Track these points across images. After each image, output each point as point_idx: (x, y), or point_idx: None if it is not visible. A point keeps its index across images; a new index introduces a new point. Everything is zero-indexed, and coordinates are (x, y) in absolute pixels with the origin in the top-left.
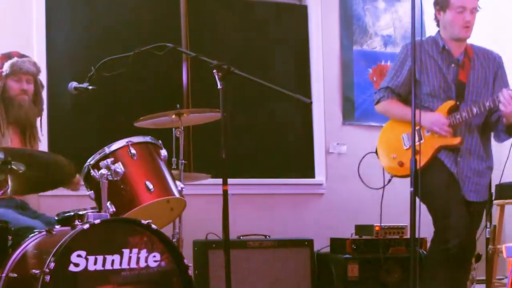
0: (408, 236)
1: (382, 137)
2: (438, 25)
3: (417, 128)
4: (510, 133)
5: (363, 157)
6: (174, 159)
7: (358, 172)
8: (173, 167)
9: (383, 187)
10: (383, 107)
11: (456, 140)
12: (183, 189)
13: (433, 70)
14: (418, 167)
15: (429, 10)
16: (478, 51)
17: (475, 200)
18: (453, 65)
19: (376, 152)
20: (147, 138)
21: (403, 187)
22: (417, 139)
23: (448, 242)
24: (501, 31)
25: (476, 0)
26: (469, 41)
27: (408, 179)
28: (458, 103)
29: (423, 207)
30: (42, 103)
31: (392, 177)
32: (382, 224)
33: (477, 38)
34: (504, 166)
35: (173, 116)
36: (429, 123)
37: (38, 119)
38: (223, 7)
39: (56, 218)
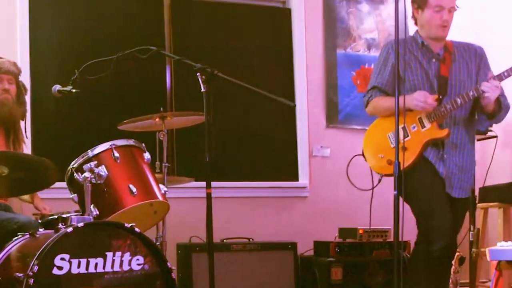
0: (392, 239)
1: (368, 138)
2: (415, 24)
3: (402, 126)
4: (491, 117)
5: (351, 159)
6: (157, 162)
7: (346, 174)
8: (156, 171)
9: (373, 188)
10: (372, 106)
11: (444, 132)
12: (167, 192)
13: (414, 66)
14: (405, 165)
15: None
16: (458, 45)
17: (460, 196)
18: (434, 60)
19: (362, 154)
20: (131, 141)
21: (388, 189)
22: (403, 136)
23: (433, 244)
24: (485, 28)
25: (453, 1)
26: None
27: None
28: (441, 97)
29: (407, 210)
30: (25, 105)
31: (382, 177)
32: (365, 227)
33: (461, 35)
34: (488, 169)
35: (157, 119)
36: (412, 101)
37: (22, 122)
38: (207, 11)
39: (40, 221)
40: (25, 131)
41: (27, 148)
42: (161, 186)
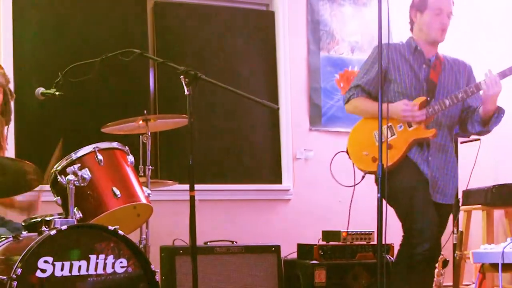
0: (375, 242)
1: (353, 136)
2: (411, 29)
3: (388, 124)
4: (484, 124)
5: (334, 155)
6: (141, 166)
7: (330, 170)
8: (140, 174)
9: (355, 185)
10: (353, 105)
11: (430, 132)
12: (150, 195)
13: (404, 69)
14: (389, 163)
15: (395, 15)
16: (448, 58)
17: (443, 202)
18: (424, 65)
19: (346, 152)
20: (114, 144)
21: (371, 191)
22: (389, 135)
23: (418, 247)
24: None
25: (451, 5)
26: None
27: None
28: (428, 99)
29: (390, 213)
30: (10, 113)
31: (365, 174)
32: (349, 230)
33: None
34: (471, 172)
35: (140, 122)
36: (399, 111)
37: (6, 127)
38: (190, 13)
39: (23, 224)
40: (7, 136)
41: (9, 152)
42: (144, 188)
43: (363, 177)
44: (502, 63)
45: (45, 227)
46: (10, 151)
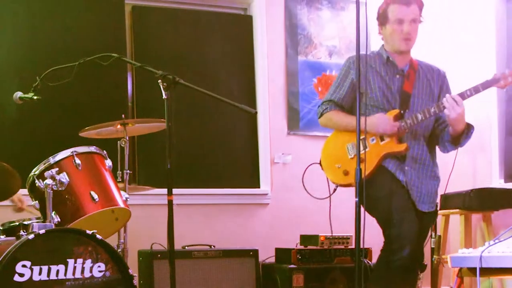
0: (353, 246)
1: (326, 148)
2: (382, 39)
3: (361, 137)
4: (455, 143)
5: (307, 168)
6: (119, 172)
7: (302, 182)
8: (118, 180)
9: (329, 197)
10: (326, 118)
11: (402, 147)
12: (128, 199)
13: (376, 81)
14: (363, 176)
15: (374, 20)
16: (422, 65)
17: (423, 210)
18: (397, 76)
19: (320, 163)
20: (92, 148)
21: (349, 196)
22: (362, 148)
23: (399, 252)
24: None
25: (416, 11)
26: (416, 57)
27: (353, 188)
28: (402, 111)
29: (368, 217)
30: None
31: (337, 186)
32: (327, 234)
33: (423, 53)
34: (449, 176)
35: (118, 126)
36: (373, 125)
37: None
38: (168, 17)
39: (1, 228)
40: None
41: None
42: (122, 193)
43: (335, 189)
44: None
45: (23, 231)
46: None
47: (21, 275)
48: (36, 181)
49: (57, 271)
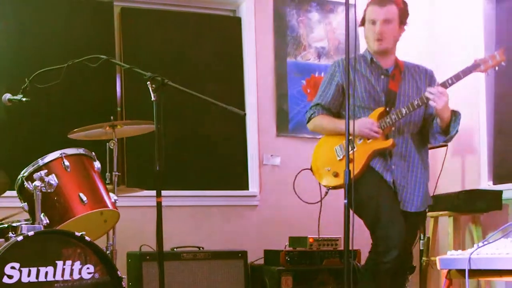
0: (342, 248)
1: (316, 153)
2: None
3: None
4: (445, 132)
5: (298, 173)
6: (108, 174)
7: (293, 188)
8: (107, 182)
9: (320, 201)
10: (314, 123)
11: (388, 143)
12: (117, 201)
13: (362, 83)
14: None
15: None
16: (409, 65)
17: (411, 210)
18: (382, 76)
19: (311, 169)
20: (81, 150)
21: (338, 198)
22: (350, 148)
23: (386, 255)
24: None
25: (391, 12)
26: (402, 57)
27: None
28: (388, 109)
29: (357, 219)
30: None
31: (328, 190)
32: (316, 236)
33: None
34: (438, 178)
35: (107, 128)
36: (356, 128)
37: None
38: (157, 19)
39: None
40: None
41: None
42: (111, 194)
43: (326, 193)
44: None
45: (12, 233)
46: None
47: (10, 276)
48: (25, 182)
49: (46, 273)
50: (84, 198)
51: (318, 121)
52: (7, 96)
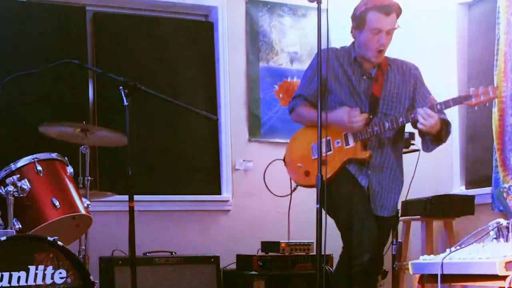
0: (315, 253)
1: (291, 145)
2: (354, 37)
3: (327, 138)
4: (437, 142)
5: (270, 163)
6: (80, 177)
7: (264, 179)
8: (79, 186)
9: (290, 194)
10: (297, 113)
11: (365, 154)
12: (89, 206)
13: (343, 81)
14: (324, 179)
15: (335, 27)
16: (392, 63)
17: (384, 215)
18: (364, 77)
19: (284, 159)
20: (53, 155)
21: (309, 198)
22: (325, 149)
23: (358, 258)
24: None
25: (394, 21)
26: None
27: (314, 190)
28: (371, 116)
29: (330, 223)
30: None
31: (297, 185)
32: (288, 241)
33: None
34: (410, 182)
35: (79, 130)
36: (339, 119)
37: None
38: (130, 24)
39: None
40: None
41: None
42: (84, 199)
43: (295, 188)
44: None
45: None
46: None
47: None
48: None
49: (18, 278)
50: (57, 203)
51: (301, 111)
52: None
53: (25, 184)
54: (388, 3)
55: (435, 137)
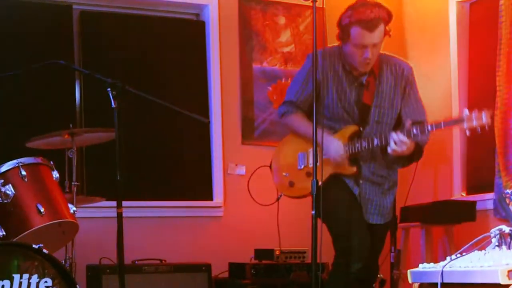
0: (310, 261)
1: (279, 150)
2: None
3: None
4: (408, 162)
5: (255, 170)
6: (66, 181)
7: (247, 186)
8: (66, 191)
9: (275, 202)
10: (287, 123)
11: (352, 170)
12: (76, 212)
13: (334, 87)
14: (305, 192)
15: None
16: (386, 63)
17: (378, 222)
18: (356, 84)
19: (270, 166)
20: (39, 160)
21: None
22: (311, 160)
23: (350, 266)
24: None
25: (380, 34)
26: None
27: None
28: (361, 128)
29: (325, 231)
30: None
31: (281, 195)
32: (283, 248)
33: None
34: (409, 188)
35: (66, 136)
36: (325, 148)
37: None
38: (118, 23)
39: None
40: None
41: None
42: (70, 205)
43: (279, 197)
44: None
45: None
46: None
47: None
48: None
49: (2, 287)
50: (42, 209)
51: (292, 120)
52: None
53: (9, 189)
54: (373, 16)
55: (406, 158)
